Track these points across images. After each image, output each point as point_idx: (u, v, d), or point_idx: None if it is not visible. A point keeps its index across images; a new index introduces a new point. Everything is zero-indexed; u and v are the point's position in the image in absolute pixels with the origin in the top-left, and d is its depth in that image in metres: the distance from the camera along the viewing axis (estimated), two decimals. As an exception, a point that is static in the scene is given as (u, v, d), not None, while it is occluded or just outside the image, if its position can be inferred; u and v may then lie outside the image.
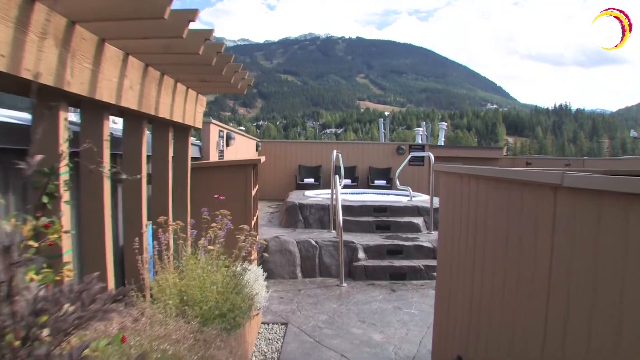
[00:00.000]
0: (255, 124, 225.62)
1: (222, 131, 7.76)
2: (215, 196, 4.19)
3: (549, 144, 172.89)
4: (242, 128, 21.63)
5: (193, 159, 6.53)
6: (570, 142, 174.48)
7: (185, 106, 3.99)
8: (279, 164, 12.94)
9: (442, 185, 3.52)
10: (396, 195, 10.21)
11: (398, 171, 9.08)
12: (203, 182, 4.70)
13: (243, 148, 10.26)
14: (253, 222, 5.10)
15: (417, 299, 5.66)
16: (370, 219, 7.63)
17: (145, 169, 3.36)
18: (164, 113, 3.45)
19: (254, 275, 3.87)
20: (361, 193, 10.98)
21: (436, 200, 7.70)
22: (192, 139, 4.74)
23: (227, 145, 8.09)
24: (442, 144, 17.16)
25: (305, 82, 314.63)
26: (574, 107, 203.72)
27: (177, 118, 3.76)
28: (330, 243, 6.66)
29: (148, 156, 3.57)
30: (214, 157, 7.11)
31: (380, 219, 7.66)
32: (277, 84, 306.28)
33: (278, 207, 10.08)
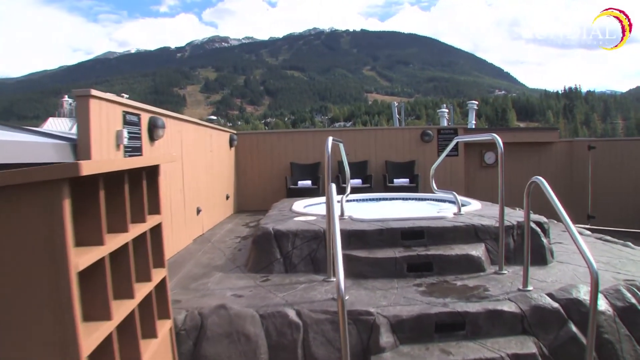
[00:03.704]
0: (263, 121, 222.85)
1: (136, 115, 4.59)
2: None
3: (562, 128, 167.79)
4: (213, 117, 17.98)
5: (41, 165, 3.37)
6: (582, 124, 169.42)
7: None
8: (264, 162, 9.77)
9: None
10: (431, 203, 7.00)
11: (434, 167, 5.85)
12: None
13: (204, 145, 7.12)
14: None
15: None
16: (397, 252, 4.42)
17: None
18: None
19: None
20: (377, 200, 7.76)
21: (508, 212, 4.50)
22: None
23: (152, 138, 4.93)
24: (473, 126, 13.83)
25: (311, 77, 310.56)
26: (584, 90, 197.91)
27: None
28: (326, 317, 3.45)
29: None
30: (109, 157, 3.96)
31: (414, 251, 4.45)
32: (283, 80, 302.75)
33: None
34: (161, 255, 2.97)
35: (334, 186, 3.41)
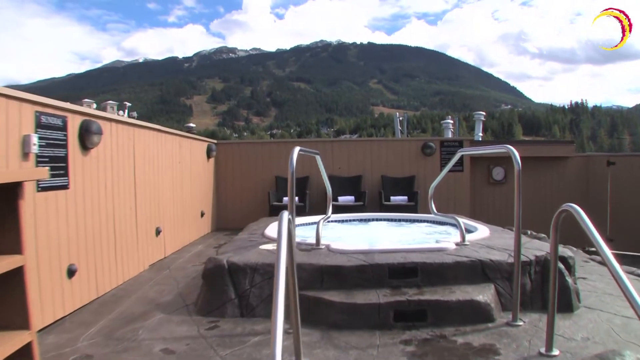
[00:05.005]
0: (269, 133, 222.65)
1: (59, 117, 3.68)
2: None
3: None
4: (192, 125, 16.47)
5: None
6: (589, 139, 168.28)
7: None
8: (246, 175, 8.85)
9: None
10: (430, 226, 6.04)
11: (434, 185, 4.89)
12: None
13: (170, 155, 6.21)
14: None
15: None
16: (382, 296, 3.46)
17: None
18: None
19: None
20: (366, 221, 6.81)
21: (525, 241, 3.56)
22: None
23: (86, 146, 4.01)
24: (480, 138, 12.82)
25: (318, 89, 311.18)
26: (590, 104, 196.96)
27: None
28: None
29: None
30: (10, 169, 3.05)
31: (404, 295, 3.49)
32: (290, 92, 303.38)
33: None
34: (24, 312, 2.04)
35: (286, 214, 2.46)
